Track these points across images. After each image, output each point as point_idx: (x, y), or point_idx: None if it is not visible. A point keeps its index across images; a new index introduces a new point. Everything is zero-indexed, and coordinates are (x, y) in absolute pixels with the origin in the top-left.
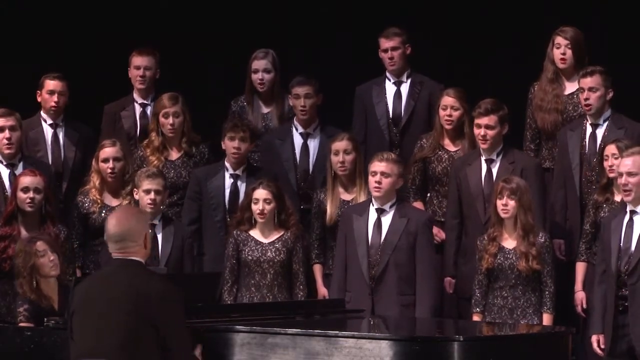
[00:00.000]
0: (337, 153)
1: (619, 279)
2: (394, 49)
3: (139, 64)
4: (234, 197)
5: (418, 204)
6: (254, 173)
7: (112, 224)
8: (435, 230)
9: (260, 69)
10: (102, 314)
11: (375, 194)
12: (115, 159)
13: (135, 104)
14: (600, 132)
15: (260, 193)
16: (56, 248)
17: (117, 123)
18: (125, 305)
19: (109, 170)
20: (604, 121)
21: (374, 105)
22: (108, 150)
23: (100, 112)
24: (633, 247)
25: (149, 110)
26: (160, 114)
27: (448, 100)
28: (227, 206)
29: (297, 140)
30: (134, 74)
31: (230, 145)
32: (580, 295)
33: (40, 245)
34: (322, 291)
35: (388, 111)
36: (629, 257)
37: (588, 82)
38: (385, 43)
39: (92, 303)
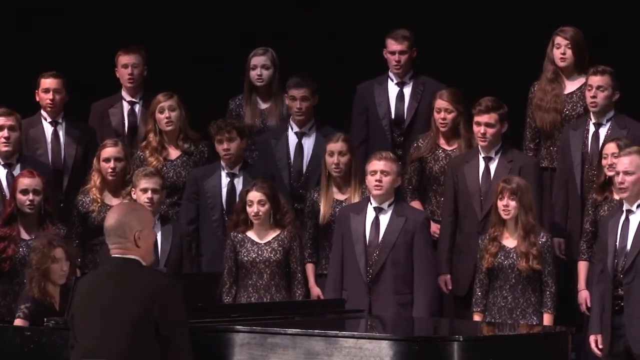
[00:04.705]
0: (331, 154)
1: (615, 278)
2: (401, 52)
3: (127, 62)
4: (231, 196)
5: (415, 204)
6: (250, 171)
7: (107, 217)
8: (434, 227)
9: (259, 65)
10: (104, 313)
11: (376, 192)
12: (117, 159)
13: (124, 101)
14: (603, 132)
15: (254, 195)
16: (71, 257)
17: (104, 120)
18: (127, 304)
19: (110, 170)
20: (607, 121)
21: (375, 105)
22: (109, 150)
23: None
24: (629, 247)
25: (137, 108)
26: (156, 109)
27: (441, 103)
28: (224, 205)
29: (292, 140)
30: (122, 72)
31: (219, 147)
32: (584, 294)
33: (58, 252)
34: (315, 291)
35: (390, 112)
36: (625, 257)
37: (597, 80)
38: (393, 45)
39: (93, 303)
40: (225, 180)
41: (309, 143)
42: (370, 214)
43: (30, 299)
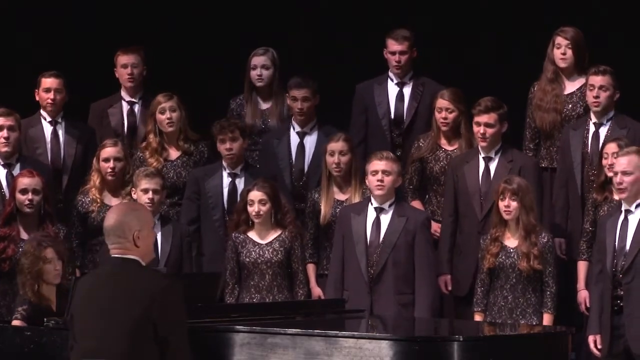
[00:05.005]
0: (332, 154)
1: (614, 278)
2: (402, 53)
3: (126, 62)
4: (232, 196)
5: (416, 204)
6: (252, 171)
7: (106, 217)
8: (434, 227)
9: (259, 64)
10: (104, 313)
11: (378, 192)
12: (116, 159)
13: (123, 101)
14: (603, 132)
15: (255, 195)
16: (63, 256)
17: (104, 120)
18: (126, 304)
19: (109, 170)
20: (607, 121)
21: (375, 104)
22: (109, 150)
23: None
24: (628, 247)
25: (136, 108)
26: (157, 110)
27: (442, 102)
28: (225, 205)
29: (294, 139)
30: (122, 72)
31: (222, 147)
32: (583, 294)
33: (49, 252)
34: (316, 291)
35: (390, 112)
36: (624, 257)
37: (599, 80)
38: (393, 46)
39: (92, 303)
40: (226, 180)
41: (310, 143)
42: (371, 214)
43: (27, 301)
